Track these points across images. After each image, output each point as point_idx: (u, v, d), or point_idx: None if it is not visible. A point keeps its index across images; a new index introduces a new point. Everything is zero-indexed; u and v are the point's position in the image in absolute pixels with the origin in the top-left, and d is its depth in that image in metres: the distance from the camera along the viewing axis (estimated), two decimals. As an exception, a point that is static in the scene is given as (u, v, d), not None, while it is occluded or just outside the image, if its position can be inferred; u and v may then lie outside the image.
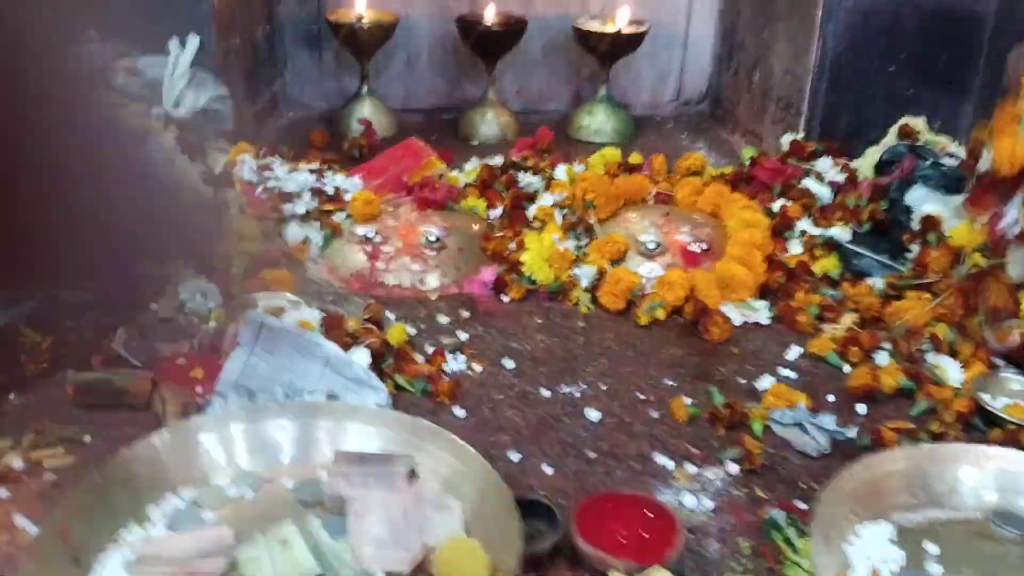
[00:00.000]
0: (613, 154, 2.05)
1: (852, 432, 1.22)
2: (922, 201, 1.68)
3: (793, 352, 1.46)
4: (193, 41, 1.84)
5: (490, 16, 2.32)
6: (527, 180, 1.93)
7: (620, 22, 2.34)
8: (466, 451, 1.08)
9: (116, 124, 1.47)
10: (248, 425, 1.13)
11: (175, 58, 1.82)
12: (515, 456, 1.19)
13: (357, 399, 1.25)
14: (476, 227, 1.76)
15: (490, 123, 2.38)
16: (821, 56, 1.96)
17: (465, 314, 1.54)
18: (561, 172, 1.94)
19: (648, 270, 1.63)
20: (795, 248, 1.69)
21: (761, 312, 1.55)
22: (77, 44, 1.54)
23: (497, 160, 2.01)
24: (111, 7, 1.76)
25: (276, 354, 1.26)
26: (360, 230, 1.66)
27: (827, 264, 1.65)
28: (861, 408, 1.31)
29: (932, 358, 1.39)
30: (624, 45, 2.34)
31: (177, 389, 1.22)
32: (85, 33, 1.76)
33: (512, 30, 2.33)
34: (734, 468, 1.18)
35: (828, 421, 1.23)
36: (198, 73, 1.86)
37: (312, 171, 1.81)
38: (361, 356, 1.30)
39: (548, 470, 1.17)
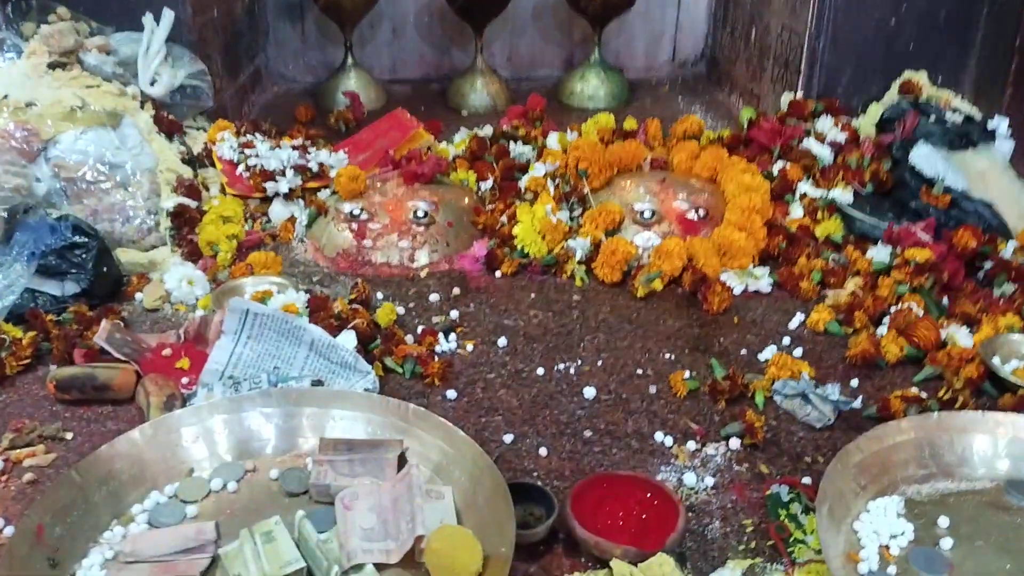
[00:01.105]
0: (607, 120, 2.00)
1: (857, 402, 1.18)
2: (926, 160, 1.62)
3: (796, 320, 1.41)
4: (168, 16, 1.77)
5: (476, -20, 2.25)
6: (518, 150, 1.87)
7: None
8: (457, 435, 1.04)
9: None
10: (230, 415, 1.09)
11: (149, 34, 1.76)
12: (508, 437, 1.15)
13: (345, 384, 1.21)
14: (466, 200, 1.71)
15: (479, 92, 2.32)
16: (819, 12, 1.89)
17: (456, 291, 1.50)
18: (553, 141, 1.89)
19: (644, 239, 1.58)
20: (796, 212, 1.64)
21: (762, 280, 1.50)
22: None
23: (487, 130, 1.95)
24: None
25: (262, 340, 1.22)
26: (346, 207, 1.61)
27: (829, 227, 1.59)
28: (866, 377, 1.27)
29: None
30: (617, 5, 2.27)
31: (161, 381, 1.18)
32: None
33: (499, -7, 2.26)
34: (736, 443, 1.14)
35: (832, 391, 1.18)
36: (174, 49, 1.80)
37: (295, 147, 1.76)
38: (348, 339, 1.25)
39: (543, 451, 1.13)
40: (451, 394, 1.24)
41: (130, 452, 1.03)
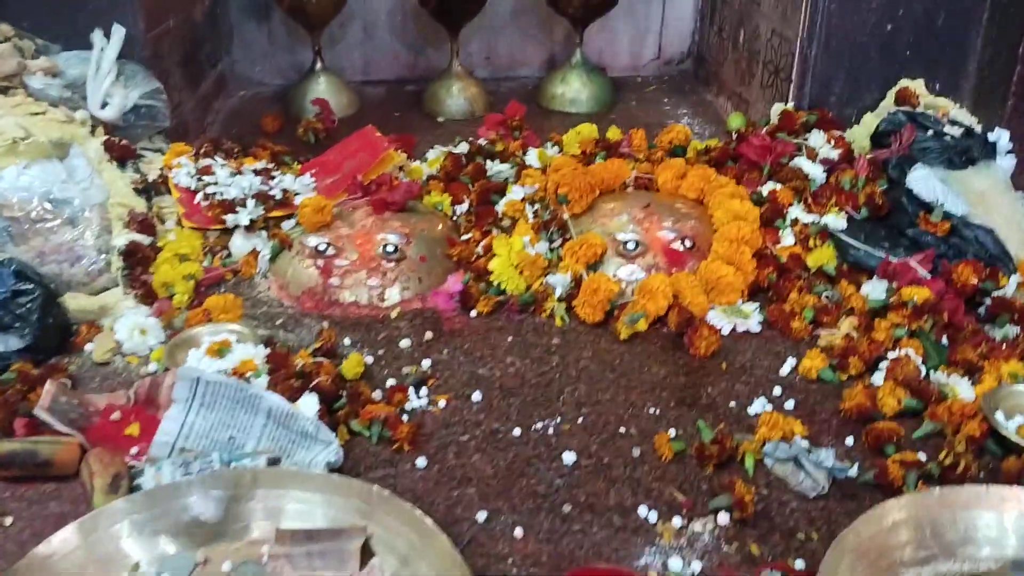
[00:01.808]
0: (589, 131, 1.90)
1: (853, 470, 1.11)
2: (924, 183, 1.54)
3: (787, 366, 1.33)
4: (118, 32, 1.66)
5: (450, -20, 2.13)
6: (496, 168, 1.78)
7: (593, -18, 2.15)
8: (424, 525, 0.97)
9: None
10: (178, 501, 1.01)
11: (99, 53, 1.64)
12: (482, 515, 1.07)
13: (306, 454, 1.13)
14: (440, 227, 1.61)
15: (456, 97, 2.21)
16: (811, 16, 1.78)
17: (429, 335, 1.41)
18: (533, 157, 1.79)
19: (628, 273, 1.50)
20: (787, 239, 1.55)
21: (752, 319, 1.42)
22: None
23: (462, 147, 1.85)
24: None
25: (215, 409, 1.14)
26: (311, 241, 1.52)
27: (822, 256, 1.51)
28: (861, 432, 1.20)
29: (937, 375, 1.26)
30: (597, 7, 2.15)
31: (107, 459, 1.09)
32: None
33: (474, -5, 2.15)
34: (724, 518, 1.07)
35: (827, 456, 1.11)
36: (127, 67, 1.69)
37: (258, 172, 1.65)
38: (309, 404, 1.17)
39: (518, 531, 1.05)
40: (421, 462, 1.15)
41: (68, 550, 0.95)
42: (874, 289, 1.41)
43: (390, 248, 1.50)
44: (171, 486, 1.02)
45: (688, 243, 1.52)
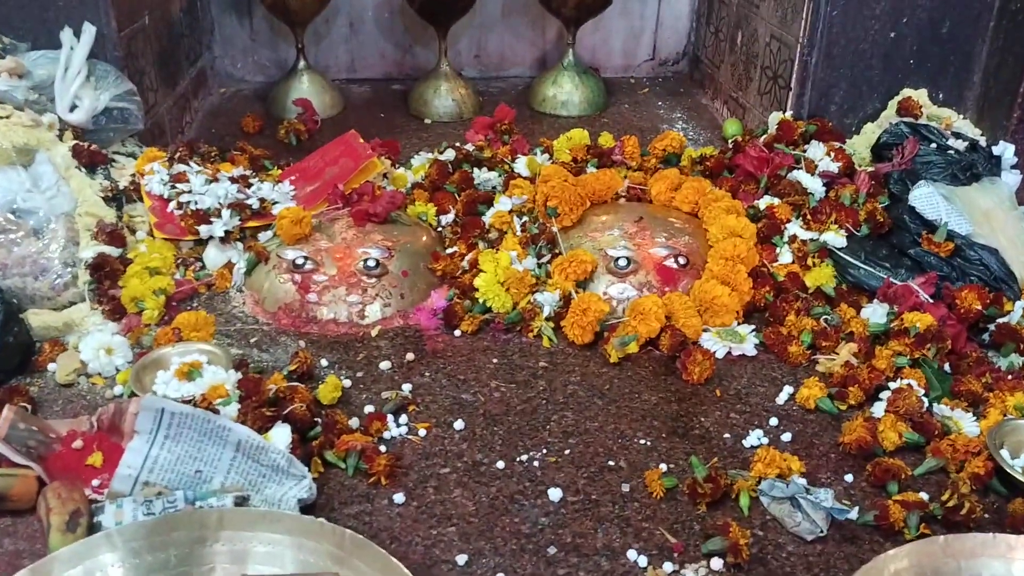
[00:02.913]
0: (580, 137, 1.84)
1: (853, 513, 1.05)
2: (927, 201, 1.48)
3: (784, 394, 1.28)
4: (88, 31, 1.58)
5: (438, -22, 2.05)
6: (483, 176, 1.71)
7: (586, -19, 2.08)
8: (401, 572, 0.91)
9: None
10: (138, 544, 0.94)
11: (68, 53, 1.56)
12: (462, 558, 1.01)
13: (277, 489, 1.06)
14: (424, 239, 1.55)
15: (444, 98, 2.14)
16: (812, 23, 1.72)
17: (410, 356, 1.35)
18: (522, 165, 1.73)
19: (619, 291, 1.44)
20: (785, 256, 1.50)
21: (747, 342, 1.36)
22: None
23: (449, 154, 1.78)
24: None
25: (180, 441, 1.07)
26: (289, 254, 1.45)
27: (820, 276, 1.45)
28: (862, 469, 1.14)
29: (940, 407, 1.21)
30: (591, 7, 2.08)
31: (65, 494, 1.03)
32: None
33: (464, -6, 2.07)
34: (718, 563, 1.01)
35: (825, 497, 1.06)
36: (97, 68, 1.61)
37: (234, 179, 1.58)
38: (281, 436, 1.11)
39: (500, 576, 0.99)
40: (399, 497, 1.09)
41: (17, 602, 0.89)
42: (875, 313, 1.35)
43: (371, 263, 1.44)
44: (133, 527, 0.95)
45: (682, 260, 1.46)
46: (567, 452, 1.18)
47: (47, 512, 1.02)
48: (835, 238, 1.49)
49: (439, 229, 1.60)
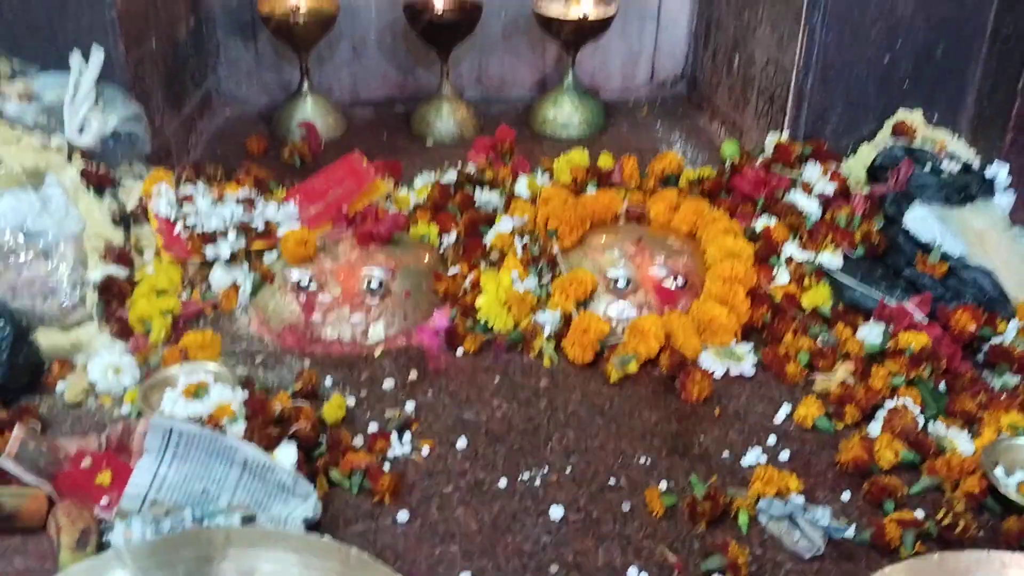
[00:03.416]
0: (580, 158, 1.86)
1: (850, 531, 1.07)
2: (921, 223, 1.50)
3: (782, 413, 1.30)
4: (97, 55, 1.61)
5: (440, 3, 2.08)
6: (485, 198, 1.73)
7: (585, 5, 2.11)
8: (404, 591, 0.93)
9: None
10: (147, 561, 0.96)
11: (77, 76, 1.59)
12: (465, 575, 1.03)
13: (283, 508, 1.08)
14: (427, 259, 1.57)
15: (446, 120, 2.17)
16: (808, 47, 1.75)
17: (413, 375, 1.37)
18: (522, 186, 1.75)
19: (619, 311, 1.46)
20: (782, 277, 1.52)
21: (745, 362, 1.38)
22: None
23: (451, 176, 1.81)
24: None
25: (188, 461, 1.09)
26: (294, 275, 1.47)
27: (817, 296, 1.48)
28: (859, 486, 1.16)
29: (936, 426, 1.23)
30: (589, 32, 2.12)
31: (75, 513, 1.05)
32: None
33: (466, 18, 2.10)
34: (717, 581, 1.03)
35: (823, 515, 1.08)
36: (106, 90, 1.64)
37: (240, 201, 1.60)
38: (287, 454, 1.13)
39: (503, 594, 1.01)
40: (403, 516, 1.11)
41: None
42: (871, 333, 1.37)
43: (375, 284, 1.46)
44: (139, 547, 0.97)
45: (680, 281, 1.48)
46: (568, 470, 1.20)
47: (57, 531, 1.04)
48: (831, 259, 1.52)
49: (441, 250, 1.63)
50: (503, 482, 1.17)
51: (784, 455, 1.22)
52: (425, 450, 1.22)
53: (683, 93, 2.43)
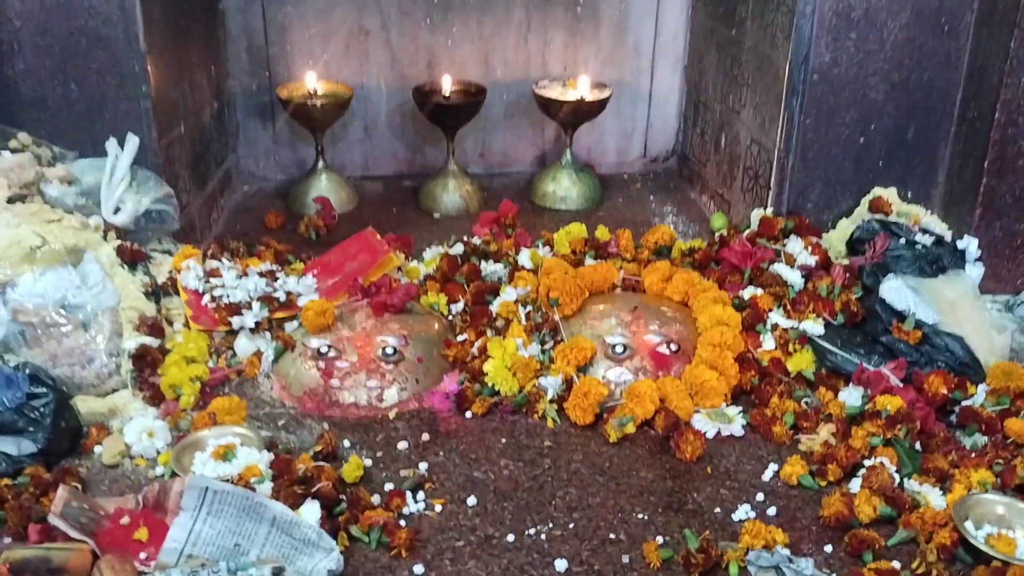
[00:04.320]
0: (579, 231, 1.99)
1: (832, 580, 1.16)
2: (896, 294, 1.62)
3: (769, 471, 1.39)
4: (132, 142, 1.74)
5: (447, 87, 2.24)
6: (490, 268, 1.86)
7: (582, 89, 2.27)
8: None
9: None
10: (188, 612, 1.05)
11: (113, 161, 1.73)
12: (477, 626, 1.12)
13: (308, 561, 1.17)
14: (436, 328, 1.68)
15: (452, 195, 2.31)
16: (788, 130, 1.90)
17: (425, 437, 1.47)
18: (525, 257, 1.87)
19: (617, 375, 1.57)
20: (768, 343, 1.63)
21: (735, 423, 1.49)
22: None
23: (458, 248, 1.93)
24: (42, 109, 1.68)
25: (222, 517, 1.18)
26: (313, 343, 1.58)
27: (801, 361, 1.59)
28: (840, 540, 1.25)
29: (911, 483, 1.33)
30: (585, 113, 2.27)
31: (118, 565, 1.13)
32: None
33: (470, 101, 2.26)
34: (710, 628, 1.12)
35: (807, 566, 1.17)
36: (139, 173, 1.77)
37: (262, 274, 1.72)
38: (311, 511, 1.22)
39: (513, 643, 1.09)
40: (418, 569, 1.20)
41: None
42: (850, 396, 1.48)
43: (389, 351, 1.57)
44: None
45: (674, 347, 1.59)
46: (571, 526, 1.29)
47: (101, 583, 1.13)
48: (814, 326, 1.63)
49: (450, 318, 1.74)
50: (511, 537, 1.26)
51: (771, 510, 1.32)
52: (438, 507, 1.31)
53: (674, 168, 2.58)
